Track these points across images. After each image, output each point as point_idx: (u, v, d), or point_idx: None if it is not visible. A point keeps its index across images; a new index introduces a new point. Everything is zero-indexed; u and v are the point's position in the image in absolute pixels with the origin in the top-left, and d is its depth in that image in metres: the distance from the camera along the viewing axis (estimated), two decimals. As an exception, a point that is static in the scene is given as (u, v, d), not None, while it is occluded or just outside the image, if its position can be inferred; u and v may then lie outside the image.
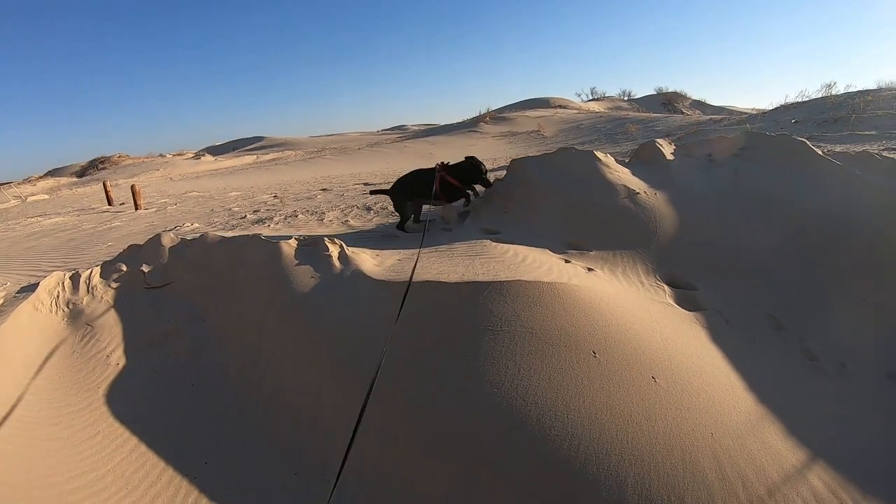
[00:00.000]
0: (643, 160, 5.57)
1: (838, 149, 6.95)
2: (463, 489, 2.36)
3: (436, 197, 5.37)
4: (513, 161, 5.81)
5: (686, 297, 3.80)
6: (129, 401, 3.24)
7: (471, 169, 5.46)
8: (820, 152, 5.42)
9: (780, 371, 3.28)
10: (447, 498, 2.37)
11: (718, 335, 3.43)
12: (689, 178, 5.15)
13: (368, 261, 3.76)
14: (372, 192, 6.42)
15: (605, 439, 2.38)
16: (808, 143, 5.54)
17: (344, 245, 3.87)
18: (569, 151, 5.41)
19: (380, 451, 2.60)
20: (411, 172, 5.75)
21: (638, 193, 4.64)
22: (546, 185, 5.02)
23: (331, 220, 7.00)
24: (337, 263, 3.65)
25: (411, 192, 5.61)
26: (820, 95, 15.47)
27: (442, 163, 5.61)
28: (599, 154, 5.26)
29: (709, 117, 20.03)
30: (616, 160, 5.41)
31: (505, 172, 5.74)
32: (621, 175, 4.95)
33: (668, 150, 5.68)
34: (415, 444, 2.56)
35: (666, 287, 3.87)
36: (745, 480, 2.30)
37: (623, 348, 2.82)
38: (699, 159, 5.52)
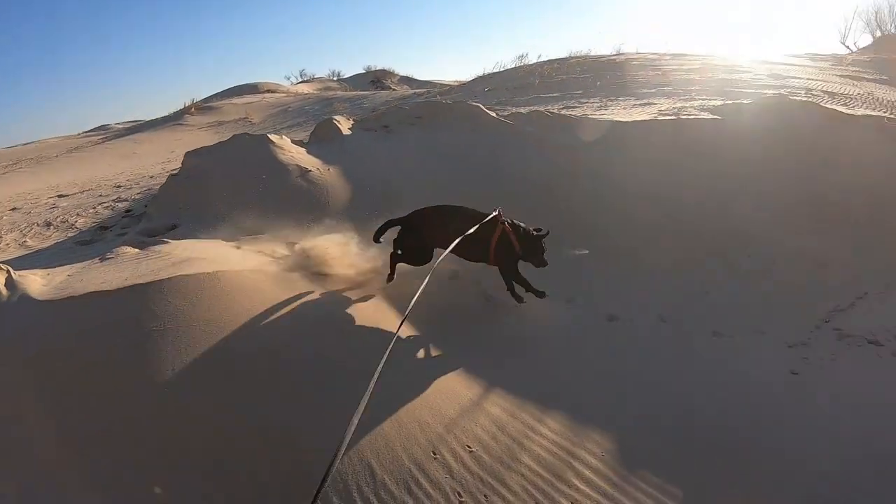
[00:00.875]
0: (320, 138, 6.00)
1: (523, 111, 8.03)
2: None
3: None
4: (187, 154, 5.72)
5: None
6: None
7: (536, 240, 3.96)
8: (494, 115, 6.30)
9: (464, 312, 3.81)
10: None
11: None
12: (364, 149, 5.64)
13: (37, 282, 3.62)
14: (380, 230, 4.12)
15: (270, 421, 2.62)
16: (482, 107, 6.45)
17: (11, 269, 3.60)
18: (242, 137, 5.58)
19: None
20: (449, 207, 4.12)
21: (310, 171, 4.99)
22: (220, 175, 5.08)
23: (7, 244, 6.24)
24: (3, 290, 3.45)
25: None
26: (513, 66, 17.61)
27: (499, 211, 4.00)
28: (273, 137, 5.51)
29: (413, 91, 21.55)
30: (292, 141, 5.64)
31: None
32: (295, 155, 5.26)
33: (345, 125, 6.18)
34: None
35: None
36: (421, 423, 2.68)
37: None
38: (377, 131, 6.07)
